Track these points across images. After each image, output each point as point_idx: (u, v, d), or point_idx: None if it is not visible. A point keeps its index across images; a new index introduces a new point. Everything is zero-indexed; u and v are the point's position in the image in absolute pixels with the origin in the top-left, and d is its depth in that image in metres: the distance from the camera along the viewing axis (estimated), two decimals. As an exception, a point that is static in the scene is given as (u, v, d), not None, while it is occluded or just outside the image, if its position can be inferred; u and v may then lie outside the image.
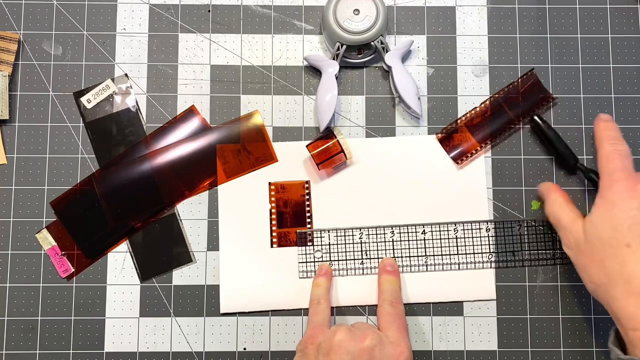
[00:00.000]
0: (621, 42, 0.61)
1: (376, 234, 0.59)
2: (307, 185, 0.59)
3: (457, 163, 0.59)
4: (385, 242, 0.59)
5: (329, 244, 0.59)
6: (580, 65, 0.61)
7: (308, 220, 0.59)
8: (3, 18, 0.61)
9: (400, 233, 0.59)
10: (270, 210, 0.59)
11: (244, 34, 0.61)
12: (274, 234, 0.59)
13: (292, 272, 0.58)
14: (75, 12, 0.61)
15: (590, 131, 0.60)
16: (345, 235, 0.59)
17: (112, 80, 0.60)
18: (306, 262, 0.58)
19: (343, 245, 0.59)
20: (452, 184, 0.59)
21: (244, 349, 0.58)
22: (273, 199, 0.59)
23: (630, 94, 0.61)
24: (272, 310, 0.58)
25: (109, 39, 0.61)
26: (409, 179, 0.59)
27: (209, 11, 0.62)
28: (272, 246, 0.59)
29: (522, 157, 0.60)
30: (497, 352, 0.58)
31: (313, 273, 0.58)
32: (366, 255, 0.59)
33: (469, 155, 0.59)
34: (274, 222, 0.59)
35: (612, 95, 0.61)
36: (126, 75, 0.61)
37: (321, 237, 0.59)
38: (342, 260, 0.59)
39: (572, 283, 0.58)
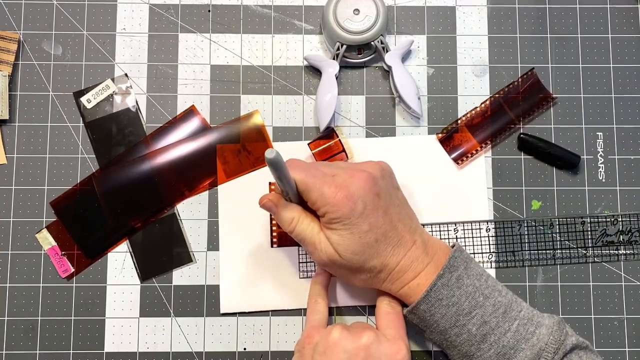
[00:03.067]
0: (621, 42, 0.61)
1: (376, 234, 0.58)
2: (307, 185, 0.59)
3: (458, 163, 0.59)
4: (385, 242, 0.58)
5: (329, 244, 0.58)
6: (580, 65, 0.61)
7: (308, 220, 0.59)
8: (3, 18, 0.61)
9: (400, 233, 0.58)
10: (270, 210, 0.59)
11: (244, 34, 0.61)
12: (274, 234, 0.59)
13: (292, 272, 0.58)
14: (75, 12, 0.61)
15: (591, 131, 0.60)
16: (345, 235, 0.58)
17: (112, 80, 0.60)
18: (306, 262, 0.58)
19: (343, 245, 0.58)
20: (452, 184, 0.59)
21: (244, 349, 0.58)
22: (273, 199, 0.59)
23: (630, 94, 0.61)
24: (272, 310, 0.58)
25: (109, 39, 0.61)
26: (409, 179, 0.59)
27: (209, 11, 0.62)
28: (272, 246, 0.59)
29: (522, 157, 0.60)
30: (497, 352, 0.58)
31: (313, 273, 0.58)
32: (366, 255, 0.58)
33: (469, 155, 0.59)
34: (274, 222, 0.59)
35: (612, 95, 0.61)
36: (126, 75, 0.61)
37: (321, 237, 0.58)
38: (342, 260, 0.58)
39: (572, 283, 0.58)
